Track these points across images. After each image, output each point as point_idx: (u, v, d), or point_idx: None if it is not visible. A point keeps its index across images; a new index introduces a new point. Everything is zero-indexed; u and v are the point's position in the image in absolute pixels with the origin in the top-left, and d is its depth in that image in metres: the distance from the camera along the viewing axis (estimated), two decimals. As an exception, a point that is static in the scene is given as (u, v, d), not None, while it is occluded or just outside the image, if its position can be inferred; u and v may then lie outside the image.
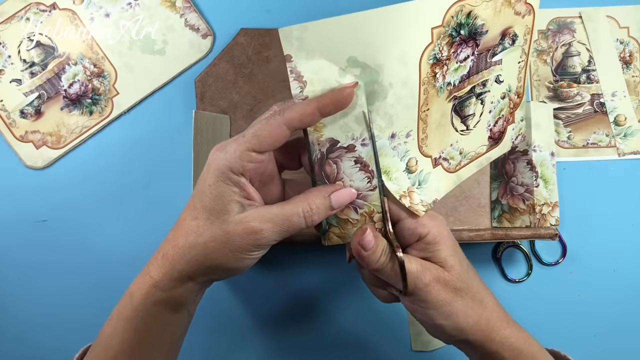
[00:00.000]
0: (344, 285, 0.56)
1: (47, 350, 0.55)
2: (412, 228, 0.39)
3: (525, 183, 0.53)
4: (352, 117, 0.38)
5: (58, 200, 0.56)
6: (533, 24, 0.46)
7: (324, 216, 0.38)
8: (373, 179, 0.40)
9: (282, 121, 0.36)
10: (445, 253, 0.39)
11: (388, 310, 0.56)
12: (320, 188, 0.38)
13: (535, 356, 0.40)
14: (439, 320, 0.39)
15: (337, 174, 0.39)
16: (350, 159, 0.39)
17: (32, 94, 0.56)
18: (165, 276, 0.38)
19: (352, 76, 0.37)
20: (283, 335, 0.56)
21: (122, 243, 0.56)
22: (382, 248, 0.38)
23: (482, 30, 0.43)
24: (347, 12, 0.58)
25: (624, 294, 0.56)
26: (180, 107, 0.57)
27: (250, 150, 0.36)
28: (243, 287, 0.56)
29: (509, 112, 0.49)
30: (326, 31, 0.36)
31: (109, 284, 0.55)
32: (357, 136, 0.39)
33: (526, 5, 0.44)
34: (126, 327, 0.38)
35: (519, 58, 0.47)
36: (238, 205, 0.37)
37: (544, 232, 0.51)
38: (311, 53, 0.36)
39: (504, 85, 0.47)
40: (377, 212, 0.41)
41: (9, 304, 0.55)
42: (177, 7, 0.58)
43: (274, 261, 0.56)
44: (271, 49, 0.56)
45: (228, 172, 0.36)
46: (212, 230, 0.37)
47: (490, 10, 0.42)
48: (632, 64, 0.58)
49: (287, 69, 0.37)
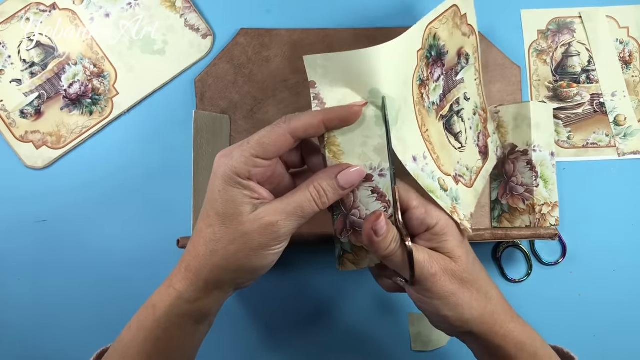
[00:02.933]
0: (344, 285, 0.56)
1: (47, 350, 0.55)
2: (421, 218, 0.39)
3: (525, 183, 0.53)
4: (372, 147, 0.38)
5: (58, 200, 0.56)
6: (477, 44, 0.49)
7: (336, 197, 0.38)
8: (389, 209, 0.40)
9: (286, 129, 0.37)
10: (453, 244, 0.39)
11: (388, 310, 0.56)
12: (327, 170, 0.38)
13: (538, 351, 0.40)
14: (444, 311, 0.39)
15: (354, 202, 0.40)
16: (367, 189, 0.40)
17: (32, 94, 0.56)
18: (191, 287, 0.38)
19: (373, 106, 0.38)
20: (282, 335, 0.56)
21: (122, 243, 0.56)
22: (393, 235, 0.38)
23: (444, 50, 0.45)
24: (346, 12, 0.58)
25: (624, 294, 0.56)
26: (180, 107, 0.57)
27: (254, 157, 0.37)
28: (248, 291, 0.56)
29: (483, 127, 0.51)
30: (348, 62, 0.37)
31: (109, 283, 0.55)
32: (375, 166, 0.39)
33: (468, 26, 0.47)
34: (147, 337, 0.39)
35: (474, 75, 0.50)
36: (250, 206, 0.37)
37: (544, 232, 0.51)
38: (335, 82, 0.37)
39: (472, 102, 0.50)
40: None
41: (9, 304, 0.55)
42: (177, 7, 0.58)
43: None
44: (271, 49, 0.56)
45: (235, 177, 0.37)
46: (229, 234, 0.37)
47: (447, 32, 0.45)
48: (632, 64, 0.58)
49: (311, 95, 0.38)
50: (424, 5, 0.58)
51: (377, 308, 0.56)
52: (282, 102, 0.56)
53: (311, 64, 0.37)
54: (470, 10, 0.49)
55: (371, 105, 0.37)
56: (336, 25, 0.57)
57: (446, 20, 0.45)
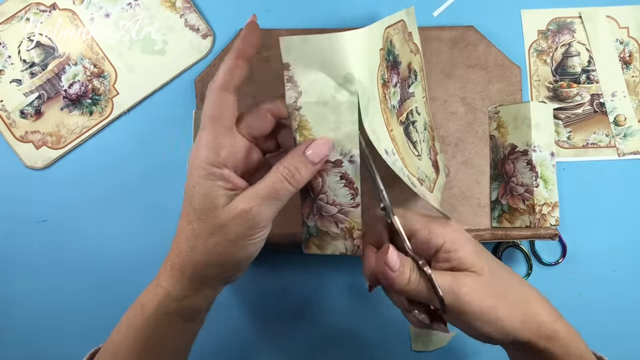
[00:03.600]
0: (344, 286, 0.56)
1: (47, 351, 0.55)
2: (427, 240, 0.38)
3: (525, 183, 0.53)
4: (343, 132, 0.38)
5: (58, 200, 0.56)
6: (422, 63, 0.49)
7: (309, 173, 0.37)
8: (357, 196, 0.40)
9: (216, 88, 0.37)
10: (471, 258, 0.37)
11: (388, 310, 0.56)
12: (295, 148, 0.38)
13: (584, 354, 0.39)
14: (485, 329, 0.37)
15: (322, 187, 0.40)
16: (336, 174, 0.39)
17: (32, 94, 0.56)
18: (177, 285, 0.38)
19: (347, 92, 0.37)
20: (282, 336, 0.56)
21: (122, 243, 0.56)
22: (410, 266, 0.37)
23: (398, 59, 0.45)
24: (346, 12, 0.58)
25: (624, 294, 0.56)
26: (180, 107, 0.57)
27: (214, 136, 0.36)
28: (244, 288, 0.56)
29: (432, 144, 0.51)
30: (325, 46, 0.36)
31: (109, 283, 0.55)
32: (345, 152, 0.39)
33: (414, 44, 0.47)
34: (137, 336, 0.38)
35: (422, 93, 0.49)
36: (225, 198, 0.37)
37: (543, 232, 0.51)
38: (309, 65, 0.37)
39: (422, 118, 0.50)
40: (357, 229, 0.41)
41: (9, 304, 0.55)
42: (177, 7, 0.58)
43: (274, 262, 0.56)
44: (271, 49, 0.56)
45: (209, 167, 0.36)
46: (206, 228, 0.37)
47: (399, 42, 0.45)
48: (632, 64, 0.58)
49: (284, 77, 0.37)
50: (424, 5, 0.58)
51: (377, 308, 0.56)
52: (282, 102, 0.56)
53: (287, 45, 0.36)
54: (414, 30, 0.49)
55: (344, 91, 0.37)
56: (336, 25, 0.57)
57: (399, 31, 0.44)
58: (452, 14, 0.58)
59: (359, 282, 0.56)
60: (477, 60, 0.57)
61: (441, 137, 0.56)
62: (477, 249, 0.38)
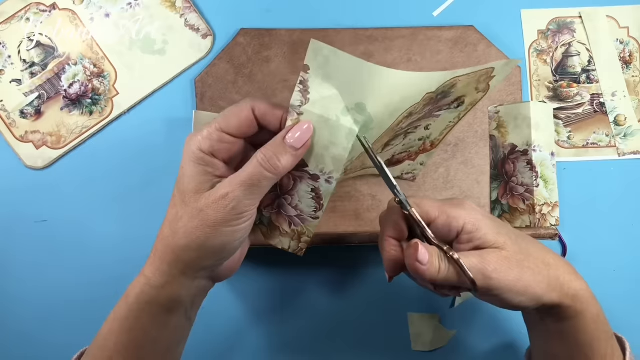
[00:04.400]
0: (344, 285, 0.56)
1: (47, 351, 0.55)
2: (447, 224, 0.38)
3: (525, 183, 0.53)
4: (331, 154, 0.38)
5: (58, 200, 0.56)
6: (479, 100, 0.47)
7: (290, 159, 0.37)
8: (319, 211, 0.40)
9: (249, 104, 0.38)
10: (492, 235, 0.38)
11: (388, 310, 0.56)
12: (276, 136, 0.37)
13: (600, 314, 0.41)
14: (518, 298, 0.38)
15: (291, 190, 0.40)
16: (309, 186, 0.40)
17: (32, 94, 0.56)
18: (157, 272, 0.38)
19: (351, 119, 0.37)
20: (281, 335, 0.56)
21: (122, 243, 0.56)
22: (437, 256, 0.37)
23: (449, 96, 0.44)
24: (346, 12, 0.58)
25: (623, 294, 0.56)
26: (180, 107, 0.57)
27: (218, 130, 0.37)
28: (244, 287, 0.56)
29: (415, 152, 0.51)
30: (352, 68, 0.35)
31: (109, 283, 0.55)
32: (326, 171, 0.39)
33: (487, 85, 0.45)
34: (121, 327, 0.38)
35: (452, 119, 0.49)
36: (209, 184, 0.37)
37: (544, 232, 0.51)
38: (329, 78, 0.36)
39: (428, 132, 0.49)
40: (307, 236, 0.42)
41: (9, 305, 0.55)
42: (177, 7, 0.58)
43: (274, 261, 0.56)
44: (271, 49, 0.56)
45: (199, 152, 0.37)
46: (187, 212, 0.37)
47: (464, 84, 0.43)
48: (632, 64, 0.58)
49: (299, 78, 0.36)
50: (424, 5, 0.58)
51: (377, 308, 0.56)
52: (282, 102, 0.56)
53: (315, 49, 0.35)
54: (502, 75, 0.45)
55: (350, 118, 0.37)
56: (336, 25, 0.57)
57: (474, 76, 0.42)
58: (452, 14, 0.58)
59: (359, 282, 0.56)
60: (477, 60, 0.57)
61: (441, 137, 0.56)
62: (496, 224, 0.39)
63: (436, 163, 0.56)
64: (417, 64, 0.57)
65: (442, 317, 0.56)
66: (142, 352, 0.39)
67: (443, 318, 0.56)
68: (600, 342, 0.40)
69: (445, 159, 0.56)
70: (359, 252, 0.56)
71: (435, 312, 0.56)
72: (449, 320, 0.56)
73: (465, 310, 0.57)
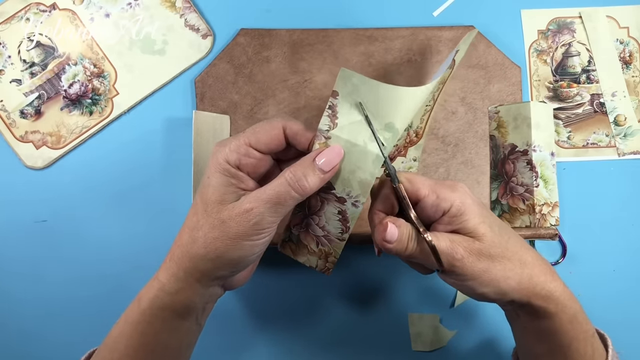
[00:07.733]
0: (344, 285, 0.56)
1: (47, 351, 0.55)
2: (435, 204, 0.38)
3: (525, 183, 0.53)
4: (358, 178, 0.39)
5: (58, 200, 0.56)
6: (448, 76, 0.49)
7: (317, 181, 0.37)
8: (346, 233, 0.41)
9: (280, 122, 0.38)
10: (474, 222, 0.38)
11: (388, 310, 0.56)
12: (306, 156, 0.38)
13: (577, 314, 0.40)
14: (480, 289, 0.38)
15: (318, 210, 0.41)
16: (336, 208, 0.40)
17: (32, 94, 0.56)
18: (172, 278, 0.38)
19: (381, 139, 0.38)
20: (281, 336, 0.56)
21: (122, 243, 0.56)
22: (407, 235, 0.38)
23: None
24: (346, 12, 0.58)
25: (624, 294, 0.56)
26: (180, 107, 0.57)
27: (247, 144, 0.37)
28: (243, 288, 0.56)
29: (402, 145, 0.51)
30: (380, 93, 0.37)
31: (110, 283, 0.55)
32: (352, 195, 0.40)
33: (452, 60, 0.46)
34: (133, 331, 0.39)
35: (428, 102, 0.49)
36: (234, 195, 0.37)
37: (544, 232, 0.51)
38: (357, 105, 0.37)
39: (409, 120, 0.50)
40: (334, 257, 0.42)
41: (9, 305, 0.55)
42: (177, 7, 0.58)
43: (273, 261, 0.56)
44: (271, 49, 0.56)
45: (225, 164, 0.37)
46: (209, 221, 0.37)
47: None
48: (632, 64, 0.58)
49: (328, 102, 0.38)
50: (424, 5, 0.58)
51: (377, 308, 0.56)
52: (282, 102, 0.56)
53: (345, 76, 0.37)
54: (464, 50, 0.49)
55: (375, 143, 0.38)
56: (336, 25, 0.57)
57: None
58: (452, 14, 0.58)
59: (359, 283, 0.56)
60: (477, 60, 0.57)
61: (441, 137, 0.56)
62: (482, 213, 0.39)
63: (436, 163, 0.56)
64: (417, 64, 0.57)
65: (442, 317, 0.56)
66: (152, 356, 0.39)
67: (443, 318, 0.56)
68: (579, 342, 0.40)
69: (445, 159, 0.56)
70: (359, 252, 0.56)
71: (435, 312, 0.56)
72: (449, 320, 0.56)
73: (465, 310, 0.56)
